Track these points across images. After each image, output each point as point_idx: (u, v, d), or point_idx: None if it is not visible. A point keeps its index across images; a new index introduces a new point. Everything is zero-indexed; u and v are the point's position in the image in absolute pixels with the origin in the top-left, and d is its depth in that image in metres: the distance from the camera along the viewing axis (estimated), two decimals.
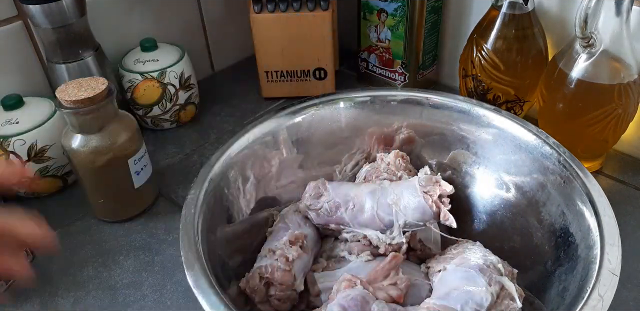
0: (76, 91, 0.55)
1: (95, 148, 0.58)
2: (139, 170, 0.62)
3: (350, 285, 0.45)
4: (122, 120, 0.60)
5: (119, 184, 0.62)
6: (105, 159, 0.58)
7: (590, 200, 0.46)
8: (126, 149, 0.59)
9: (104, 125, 0.58)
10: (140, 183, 0.63)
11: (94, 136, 0.58)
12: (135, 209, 0.65)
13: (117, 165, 0.60)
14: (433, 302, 0.45)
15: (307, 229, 0.53)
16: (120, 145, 0.59)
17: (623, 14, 0.55)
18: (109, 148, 0.58)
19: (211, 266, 0.43)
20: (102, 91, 0.55)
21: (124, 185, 0.62)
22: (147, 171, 0.64)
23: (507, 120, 0.55)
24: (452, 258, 0.49)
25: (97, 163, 0.58)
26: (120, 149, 0.59)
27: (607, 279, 0.41)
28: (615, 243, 0.43)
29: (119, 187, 0.62)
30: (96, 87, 0.55)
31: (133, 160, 0.60)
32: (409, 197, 0.52)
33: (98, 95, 0.55)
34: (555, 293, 0.46)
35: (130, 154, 0.60)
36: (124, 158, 0.60)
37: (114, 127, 0.58)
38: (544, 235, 0.51)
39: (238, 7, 0.87)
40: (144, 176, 0.63)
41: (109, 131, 0.58)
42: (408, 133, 0.60)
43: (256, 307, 0.48)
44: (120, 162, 0.60)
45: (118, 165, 0.60)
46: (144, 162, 0.63)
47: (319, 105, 0.58)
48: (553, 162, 0.51)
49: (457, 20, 0.79)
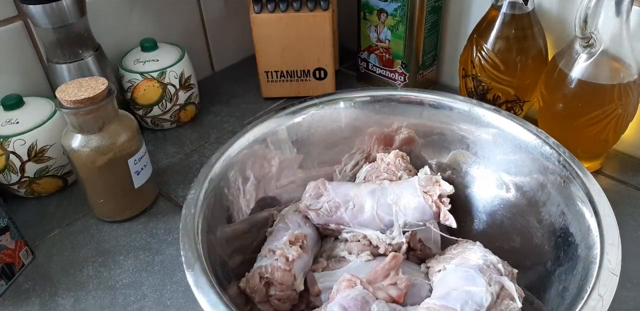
0: (76, 91, 0.55)
1: (96, 148, 0.58)
2: (139, 170, 0.62)
3: (350, 285, 0.45)
4: (122, 120, 0.60)
5: (119, 184, 0.62)
6: (105, 159, 0.58)
7: (590, 200, 0.46)
8: (126, 149, 0.59)
9: (104, 125, 0.58)
10: (141, 183, 0.63)
11: (94, 136, 0.58)
12: (135, 209, 0.65)
13: (117, 165, 0.60)
14: (433, 302, 0.45)
15: (307, 229, 0.53)
16: (120, 145, 0.59)
17: (623, 14, 0.55)
18: (109, 148, 0.58)
19: (211, 266, 0.43)
20: (102, 91, 0.55)
21: (124, 185, 0.62)
22: (147, 171, 0.64)
23: (507, 120, 0.55)
24: (452, 258, 0.49)
25: (97, 163, 0.58)
26: (120, 149, 0.59)
27: (607, 279, 0.41)
28: (615, 243, 0.43)
29: (119, 187, 0.62)
30: (96, 87, 0.55)
31: (133, 160, 0.60)
32: (409, 196, 0.52)
33: (98, 95, 0.55)
34: (555, 293, 0.46)
35: (131, 154, 0.60)
36: (124, 158, 0.60)
37: (114, 127, 0.58)
38: (544, 235, 0.51)
39: (238, 7, 0.87)
40: (144, 176, 0.63)
41: (109, 131, 0.58)
42: (408, 133, 0.60)
43: (256, 307, 0.48)
44: (120, 162, 0.60)
45: (118, 165, 0.60)
46: (144, 162, 0.63)
47: (319, 105, 0.58)
48: (553, 162, 0.51)
49: (457, 20, 0.79)
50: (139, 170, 0.62)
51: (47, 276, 0.59)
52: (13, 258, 0.57)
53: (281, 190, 0.59)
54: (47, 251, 0.61)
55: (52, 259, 0.60)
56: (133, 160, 0.60)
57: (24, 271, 0.59)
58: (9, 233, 0.56)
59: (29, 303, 0.56)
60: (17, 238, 0.57)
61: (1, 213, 0.55)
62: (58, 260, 0.60)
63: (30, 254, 0.60)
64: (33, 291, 0.57)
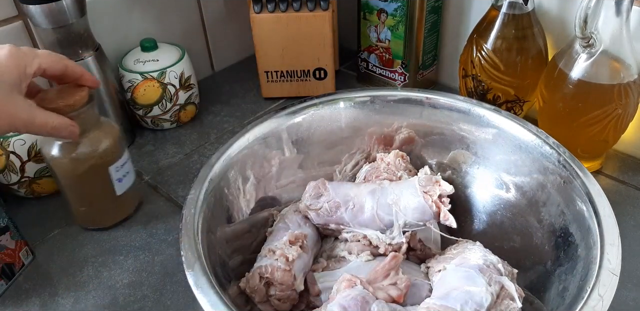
0: (56, 98, 0.54)
1: (76, 155, 0.57)
2: (121, 178, 0.61)
3: (350, 285, 0.45)
4: (104, 127, 0.59)
5: (100, 192, 0.61)
6: (86, 166, 0.58)
7: (590, 200, 0.46)
8: (108, 156, 0.59)
9: (84, 132, 0.57)
10: (122, 190, 0.62)
11: (74, 143, 0.57)
12: (117, 216, 0.64)
13: (98, 173, 0.59)
14: (433, 302, 0.45)
15: (307, 229, 0.53)
16: (101, 152, 0.58)
17: (623, 14, 0.55)
18: (90, 155, 0.57)
19: (211, 266, 0.43)
20: (81, 98, 0.55)
21: (105, 192, 0.61)
22: (129, 178, 0.63)
23: (507, 120, 0.55)
24: (452, 258, 0.49)
25: (78, 171, 0.58)
26: (101, 156, 0.58)
27: (607, 279, 0.41)
28: (615, 243, 0.43)
29: (100, 195, 0.61)
30: (76, 94, 0.54)
31: (114, 167, 0.60)
32: (409, 196, 0.52)
33: (77, 102, 0.54)
34: (555, 293, 0.46)
35: (112, 161, 0.59)
36: (105, 166, 0.59)
37: (95, 134, 0.58)
38: (544, 235, 0.51)
39: (238, 7, 0.87)
40: (127, 183, 0.62)
41: (89, 138, 0.57)
42: (408, 133, 0.60)
43: (256, 307, 0.48)
44: (101, 169, 0.59)
45: (99, 172, 0.59)
46: (127, 169, 0.62)
47: (319, 105, 0.58)
48: (553, 162, 0.51)
49: (457, 20, 0.79)
50: (121, 177, 0.61)
51: (47, 276, 0.59)
52: (13, 258, 0.57)
53: (281, 190, 0.59)
54: (47, 251, 0.61)
55: (52, 259, 0.60)
56: (114, 167, 0.60)
57: (24, 271, 0.59)
58: (9, 233, 0.56)
59: (29, 303, 0.56)
60: (17, 238, 0.57)
61: (1, 213, 0.55)
62: (58, 260, 0.60)
63: (30, 254, 0.60)
64: (33, 291, 0.57)
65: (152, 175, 0.71)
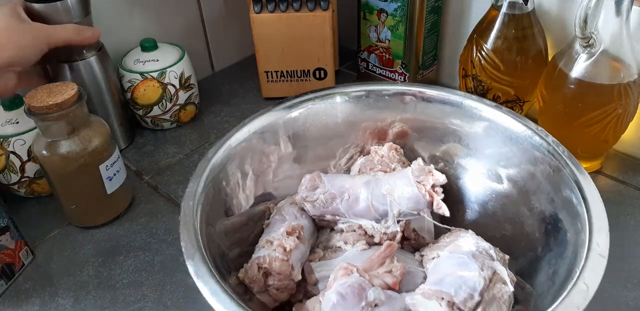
0: (45, 97, 0.54)
1: (66, 153, 0.57)
2: (112, 176, 0.61)
3: (347, 273, 0.45)
4: (94, 126, 0.59)
5: (90, 190, 0.61)
6: (76, 165, 0.58)
7: (578, 187, 0.47)
8: (98, 155, 0.59)
9: (74, 130, 0.57)
10: (113, 189, 0.62)
11: (64, 142, 0.57)
12: (108, 215, 0.64)
13: (88, 171, 0.59)
14: (428, 288, 0.45)
15: (303, 220, 0.54)
16: (91, 151, 0.58)
17: (623, 14, 0.55)
18: (80, 153, 0.57)
19: (211, 257, 0.44)
20: (71, 97, 0.55)
21: (96, 190, 0.61)
22: (120, 177, 0.63)
23: (498, 112, 0.55)
24: (445, 246, 0.50)
25: (68, 169, 0.58)
26: (91, 155, 0.58)
27: (595, 262, 0.41)
28: (603, 227, 0.43)
29: (91, 193, 0.61)
30: (65, 93, 0.55)
31: (105, 165, 0.60)
32: (403, 186, 0.52)
33: (67, 100, 0.54)
34: (545, 278, 0.47)
35: (102, 160, 0.59)
36: (95, 164, 0.59)
37: (85, 133, 0.58)
38: (535, 223, 0.52)
39: (238, 7, 0.87)
40: (117, 182, 0.62)
41: (79, 136, 0.57)
42: (401, 127, 0.61)
43: (255, 297, 0.49)
44: (91, 167, 0.59)
45: (89, 170, 0.59)
46: (117, 168, 0.62)
47: (315, 100, 0.59)
48: (542, 152, 0.52)
49: (457, 20, 0.79)
50: (112, 175, 0.61)
51: (47, 276, 0.59)
52: (13, 258, 0.57)
53: (277, 184, 0.59)
54: (47, 251, 0.61)
55: (52, 259, 0.60)
56: (105, 165, 0.60)
57: (24, 271, 0.59)
58: (9, 233, 0.56)
59: (29, 303, 0.56)
60: (17, 238, 0.57)
61: (1, 213, 0.55)
62: (58, 260, 0.60)
63: (30, 254, 0.60)
64: (33, 291, 0.57)
65: (152, 175, 0.71)
